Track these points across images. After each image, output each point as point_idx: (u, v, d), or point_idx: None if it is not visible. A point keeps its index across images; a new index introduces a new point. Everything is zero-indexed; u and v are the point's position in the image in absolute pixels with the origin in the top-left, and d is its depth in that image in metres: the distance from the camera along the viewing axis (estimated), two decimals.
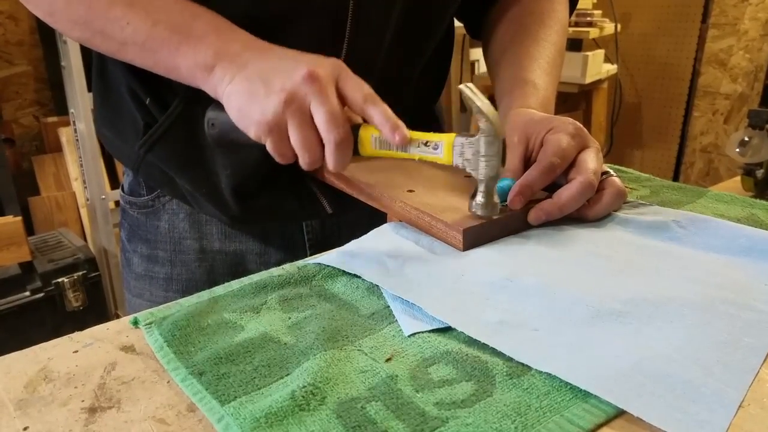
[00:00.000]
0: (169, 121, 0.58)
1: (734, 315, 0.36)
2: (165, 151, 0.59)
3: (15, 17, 2.14)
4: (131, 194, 0.67)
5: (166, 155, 0.60)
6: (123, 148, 0.64)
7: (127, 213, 0.68)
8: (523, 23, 0.66)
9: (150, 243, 0.66)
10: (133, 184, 0.67)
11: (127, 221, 0.69)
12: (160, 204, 0.65)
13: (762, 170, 0.72)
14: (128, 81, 0.59)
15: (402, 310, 0.38)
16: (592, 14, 2.10)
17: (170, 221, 0.65)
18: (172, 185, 0.62)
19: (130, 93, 0.59)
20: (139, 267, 0.67)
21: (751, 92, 2.27)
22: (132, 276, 0.68)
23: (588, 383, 0.30)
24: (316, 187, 0.62)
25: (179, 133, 0.58)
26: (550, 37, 0.65)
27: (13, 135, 2.18)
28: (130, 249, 0.68)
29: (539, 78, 0.61)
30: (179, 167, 0.60)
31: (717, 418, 0.28)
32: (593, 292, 0.39)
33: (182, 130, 0.58)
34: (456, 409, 0.29)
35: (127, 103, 0.60)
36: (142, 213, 0.66)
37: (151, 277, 0.66)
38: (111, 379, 0.33)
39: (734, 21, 2.26)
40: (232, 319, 0.38)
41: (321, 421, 0.29)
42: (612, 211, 0.52)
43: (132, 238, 0.68)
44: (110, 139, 0.66)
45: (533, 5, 0.67)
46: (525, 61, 0.62)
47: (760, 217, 0.52)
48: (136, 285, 0.68)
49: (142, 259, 0.67)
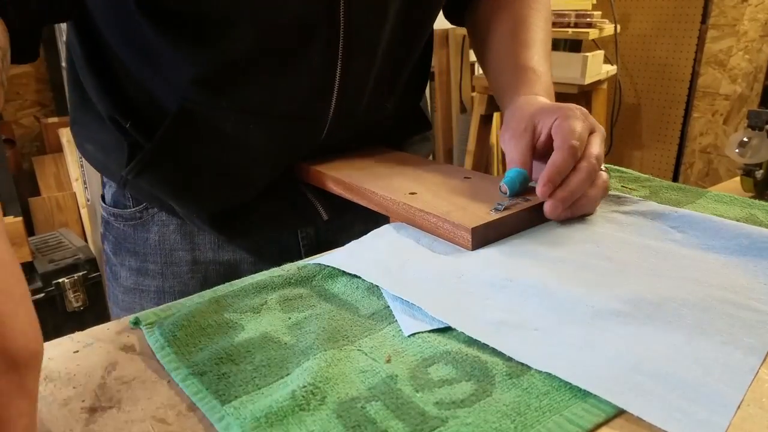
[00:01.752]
0: (156, 147, 0.55)
1: (734, 315, 0.36)
2: (153, 179, 0.56)
3: None
4: (115, 206, 0.64)
5: (154, 182, 0.57)
6: (107, 163, 0.61)
7: (112, 225, 0.65)
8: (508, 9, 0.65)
9: (139, 255, 0.63)
10: (117, 196, 0.64)
11: (111, 234, 0.65)
12: (148, 216, 0.62)
13: (761, 171, 0.72)
14: (104, 107, 0.56)
15: (402, 310, 0.38)
16: (592, 15, 2.10)
17: (160, 233, 0.62)
18: (161, 201, 0.60)
19: (109, 118, 0.56)
20: (127, 280, 0.64)
21: (751, 93, 2.27)
22: (120, 290, 0.66)
23: (588, 383, 0.30)
24: (311, 194, 0.61)
25: (167, 160, 0.55)
26: (539, 21, 0.64)
27: (13, 135, 2.18)
28: (116, 262, 0.65)
29: (539, 64, 0.61)
30: (169, 193, 0.57)
31: (716, 417, 0.28)
32: (593, 292, 0.39)
33: (170, 156, 0.55)
34: (456, 409, 0.30)
35: (108, 123, 0.57)
36: (129, 225, 0.63)
37: (141, 290, 0.64)
38: (111, 379, 0.33)
39: (734, 22, 2.26)
40: (232, 319, 0.38)
41: (321, 420, 0.29)
42: (605, 207, 0.52)
43: (118, 251, 0.65)
44: (93, 154, 0.62)
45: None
46: (520, 49, 0.62)
47: (759, 217, 0.52)
48: (124, 299, 0.65)
49: (130, 272, 0.64)
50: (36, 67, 2.20)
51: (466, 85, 2.51)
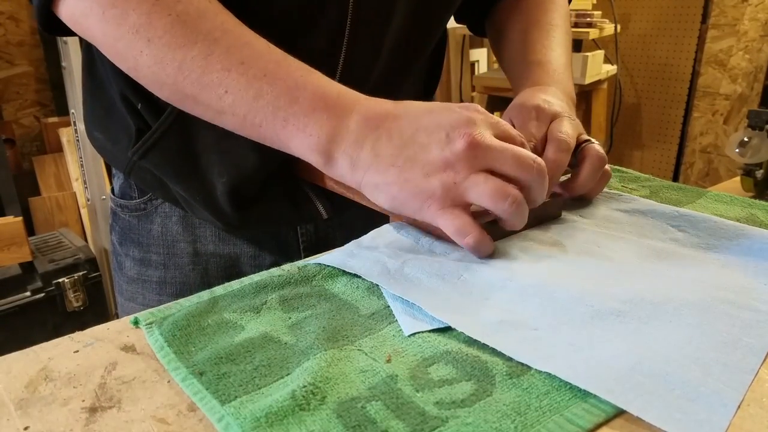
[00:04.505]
0: (163, 128, 0.56)
1: (734, 315, 0.36)
2: (159, 159, 0.58)
3: (16, 18, 2.14)
4: (122, 197, 0.66)
5: (159, 163, 0.58)
6: (114, 151, 0.62)
7: (118, 216, 0.67)
8: (523, 10, 0.67)
9: (142, 246, 0.65)
10: (123, 187, 0.65)
11: (118, 224, 0.67)
12: (152, 207, 0.64)
13: (761, 171, 0.72)
14: (119, 84, 0.57)
15: (402, 310, 0.38)
16: (592, 15, 2.10)
17: (163, 224, 0.64)
18: (165, 189, 0.61)
19: (121, 96, 0.57)
20: (131, 270, 0.66)
21: (751, 93, 2.27)
22: (124, 279, 0.67)
23: (588, 383, 0.30)
24: (311, 192, 0.62)
25: (173, 141, 0.56)
26: (554, 20, 0.65)
27: (13, 135, 2.18)
28: (122, 252, 0.67)
29: (544, 55, 0.62)
30: (173, 175, 0.58)
31: (716, 417, 0.28)
32: (593, 292, 0.39)
33: (176, 137, 0.56)
34: (456, 409, 0.30)
35: (119, 106, 0.58)
36: (133, 216, 0.65)
37: (144, 280, 0.65)
38: (111, 379, 0.33)
39: (734, 22, 2.26)
40: (232, 319, 0.38)
41: (321, 420, 0.29)
42: (605, 206, 0.53)
43: (124, 242, 0.67)
44: (101, 142, 0.64)
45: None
46: (526, 46, 0.63)
47: (759, 217, 0.52)
48: (128, 288, 0.67)
49: (134, 262, 0.66)
50: (36, 67, 2.20)
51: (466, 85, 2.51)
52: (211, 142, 0.57)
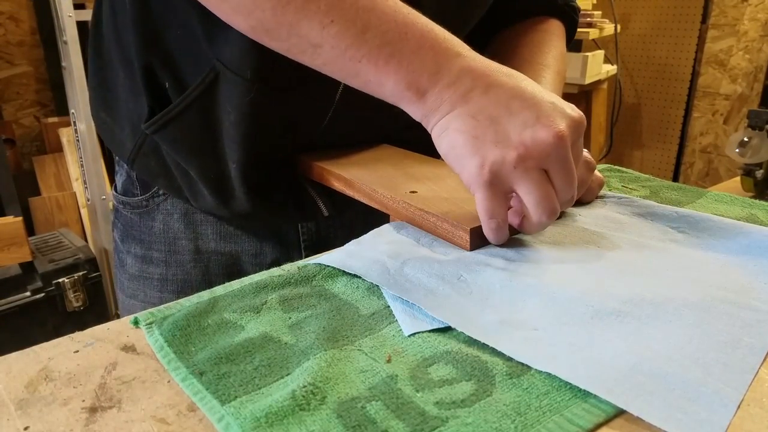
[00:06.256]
0: (185, 104, 0.54)
1: (734, 315, 0.36)
2: (177, 133, 0.56)
3: (16, 18, 2.14)
4: (125, 194, 0.66)
5: (177, 137, 0.57)
6: (119, 135, 0.62)
7: (121, 213, 0.67)
8: (517, 47, 0.66)
9: (144, 243, 0.65)
10: (126, 183, 0.66)
11: (120, 221, 0.68)
12: (154, 204, 0.64)
13: (761, 171, 0.72)
14: (145, 58, 0.55)
15: (402, 310, 0.38)
16: (592, 15, 2.10)
17: (165, 221, 0.64)
18: (169, 177, 0.61)
19: (144, 70, 0.55)
20: (132, 267, 0.67)
21: (751, 93, 2.27)
22: (125, 276, 0.68)
23: (588, 383, 0.30)
24: (312, 190, 0.62)
25: (194, 117, 0.55)
26: (546, 60, 0.64)
27: (13, 135, 2.18)
28: (123, 249, 0.68)
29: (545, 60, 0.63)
30: (188, 152, 0.57)
31: (716, 417, 0.28)
32: (593, 292, 0.39)
33: (198, 114, 0.55)
34: (456, 409, 0.30)
35: (137, 80, 0.57)
36: (135, 213, 0.65)
37: (146, 277, 0.66)
38: (111, 379, 0.33)
39: (734, 22, 2.26)
40: (232, 319, 0.38)
41: (321, 420, 0.29)
42: (605, 207, 0.53)
43: (125, 239, 0.67)
44: (107, 124, 0.63)
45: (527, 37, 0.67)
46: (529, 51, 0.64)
47: (759, 217, 0.52)
48: (129, 286, 0.68)
49: (136, 259, 0.66)
50: (36, 67, 2.20)
51: None
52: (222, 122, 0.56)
